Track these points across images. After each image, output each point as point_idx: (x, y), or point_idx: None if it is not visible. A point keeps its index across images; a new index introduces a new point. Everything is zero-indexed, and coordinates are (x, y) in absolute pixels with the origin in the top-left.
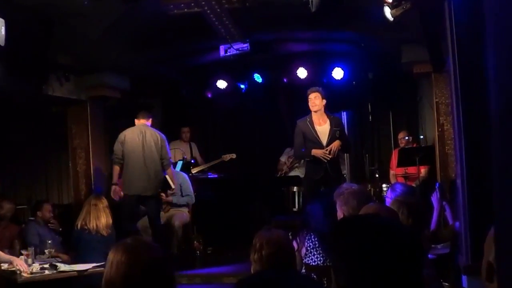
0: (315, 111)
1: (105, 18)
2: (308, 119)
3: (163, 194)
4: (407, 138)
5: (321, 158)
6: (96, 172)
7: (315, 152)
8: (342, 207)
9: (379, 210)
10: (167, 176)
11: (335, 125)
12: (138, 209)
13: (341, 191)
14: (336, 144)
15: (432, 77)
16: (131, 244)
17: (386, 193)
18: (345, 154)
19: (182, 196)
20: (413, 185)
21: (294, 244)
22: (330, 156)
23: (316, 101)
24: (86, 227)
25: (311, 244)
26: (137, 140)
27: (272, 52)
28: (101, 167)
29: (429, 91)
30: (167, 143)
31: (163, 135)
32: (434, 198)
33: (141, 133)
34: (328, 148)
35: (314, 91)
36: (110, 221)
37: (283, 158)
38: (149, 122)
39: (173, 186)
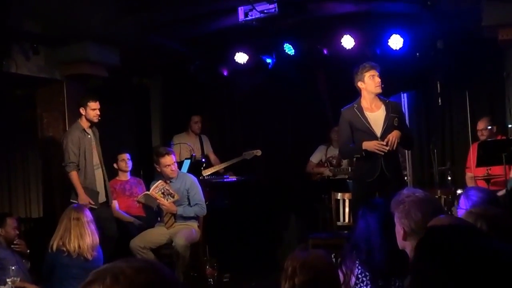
0: (377, 93)
1: None
2: (356, 105)
3: (164, 203)
4: (489, 128)
5: (375, 151)
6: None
7: (367, 144)
8: (402, 220)
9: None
10: None
11: (393, 110)
12: None
13: (401, 199)
14: (395, 134)
15: None
16: (119, 268)
17: (458, 202)
18: (408, 153)
19: (189, 205)
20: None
21: (340, 272)
22: (387, 148)
23: (380, 80)
24: (64, 249)
25: (362, 271)
26: None
27: (307, 15)
28: None
29: None
30: (66, 138)
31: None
32: None
33: None
34: (386, 139)
35: (378, 68)
36: (97, 240)
37: (314, 159)
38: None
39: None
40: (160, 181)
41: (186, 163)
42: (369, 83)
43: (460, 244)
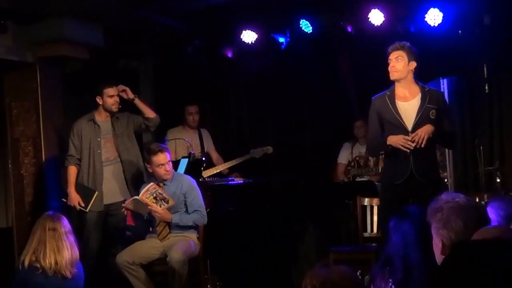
0: (397, 80)
1: None
2: (388, 93)
3: (156, 209)
4: None
5: (400, 148)
6: (51, 176)
7: (391, 139)
8: (440, 231)
9: (504, 237)
10: None
11: (430, 100)
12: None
13: (438, 206)
14: (426, 129)
15: None
16: None
17: (488, 207)
18: (448, 150)
19: (187, 212)
20: None
21: None
22: (413, 146)
23: (397, 64)
24: (38, 265)
25: None
26: None
27: None
28: (60, 168)
29: None
30: (71, 128)
31: None
32: None
33: None
34: (413, 134)
35: (396, 49)
36: (77, 254)
37: (343, 160)
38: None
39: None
40: (151, 183)
41: (183, 163)
42: (389, 68)
43: (492, 263)
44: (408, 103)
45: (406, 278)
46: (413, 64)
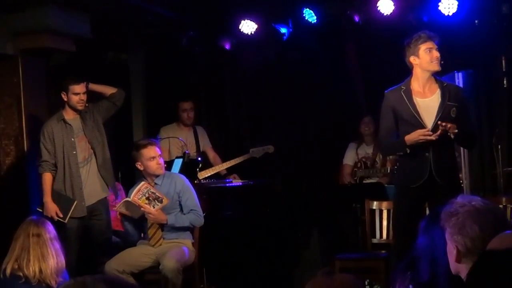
0: (434, 71)
1: None
2: (404, 88)
3: (150, 211)
4: None
5: (422, 141)
6: (34, 179)
7: (409, 137)
8: (455, 236)
9: None
10: None
11: (450, 97)
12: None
13: (453, 209)
14: (451, 125)
15: None
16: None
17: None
18: (463, 149)
19: (181, 212)
20: None
21: None
22: (433, 135)
23: (438, 55)
24: (21, 274)
25: None
26: None
27: None
28: None
29: None
30: (40, 131)
31: None
32: None
33: None
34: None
35: (436, 39)
36: (63, 262)
37: (350, 161)
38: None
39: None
40: (143, 183)
41: (177, 163)
42: (425, 57)
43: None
44: (426, 100)
45: (429, 282)
46: None
